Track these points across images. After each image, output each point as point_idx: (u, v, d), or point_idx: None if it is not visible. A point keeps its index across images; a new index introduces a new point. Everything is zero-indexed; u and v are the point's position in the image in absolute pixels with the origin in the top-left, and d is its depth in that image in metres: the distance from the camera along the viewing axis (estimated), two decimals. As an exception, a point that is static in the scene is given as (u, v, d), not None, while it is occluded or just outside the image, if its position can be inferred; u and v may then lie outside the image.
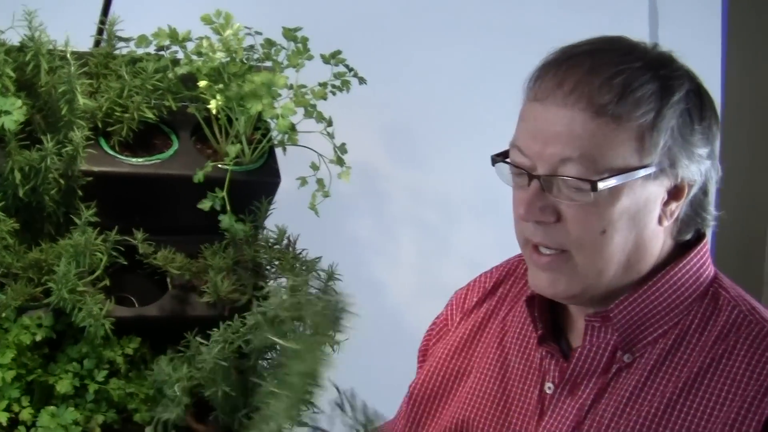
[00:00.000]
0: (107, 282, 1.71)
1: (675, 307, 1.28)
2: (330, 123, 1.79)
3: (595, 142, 1.18)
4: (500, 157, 1.30)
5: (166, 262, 1.71)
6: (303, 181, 1.93)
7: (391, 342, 2.19)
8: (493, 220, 2.09)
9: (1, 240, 1.65)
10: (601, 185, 1.18)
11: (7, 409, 1.64)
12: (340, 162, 1.79)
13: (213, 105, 1.66)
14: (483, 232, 2.77)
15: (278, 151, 1.93)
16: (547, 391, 1.33)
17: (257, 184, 1.86)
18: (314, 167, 1.92)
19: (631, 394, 1.25)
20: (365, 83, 1.89)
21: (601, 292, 1.27)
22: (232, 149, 1.69)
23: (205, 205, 1.69)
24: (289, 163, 1.99)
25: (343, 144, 1.80)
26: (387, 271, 2.80)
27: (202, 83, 1.67)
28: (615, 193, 1.20)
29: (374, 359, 1.89)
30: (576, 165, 1.19)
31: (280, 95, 1.68)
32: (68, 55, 1.66)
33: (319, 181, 1.92)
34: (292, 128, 1.69)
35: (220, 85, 1.66)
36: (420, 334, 1.72)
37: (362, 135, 2.07)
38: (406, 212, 2.83)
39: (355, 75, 1.87)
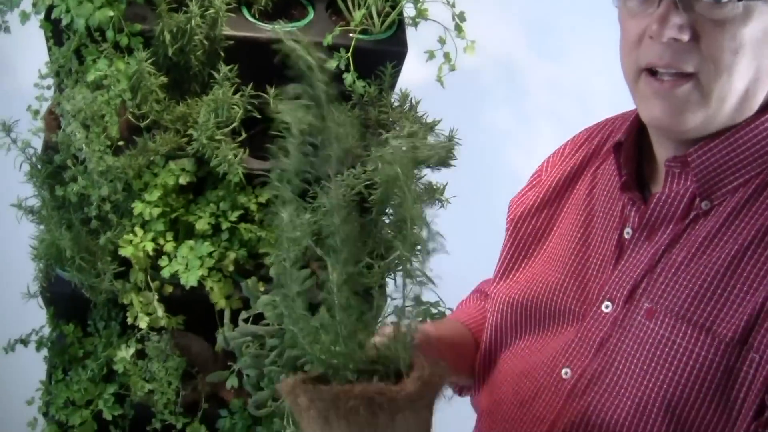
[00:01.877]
0: (243, 134, 1.91)
1: (759, 156, 1.26)
2: (453, -7, 1.90)
3: None
4: None
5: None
6: (431, 54, 2.05)
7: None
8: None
9: (152, 93, 1.86)
10: None
11: (154, 240, 1.88)
12: (458, 29, 1.89)
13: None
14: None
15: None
16: (626, 236, 1.34)
17: (384, 53, 2.00)
18: (441, 41, 2.04)
19: (704, 241, 1.26)
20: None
21: (716, 126, 1.25)
22: (358, 14, 1.83)
23: (330, 63, 1.85)
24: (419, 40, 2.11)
25: (462, 12, 1.91)
26: (524, 161, 2.86)
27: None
28: (749, 12, 1.17)
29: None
30: None
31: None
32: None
33: (446, 55, 2.03)
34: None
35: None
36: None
37: (500, 28, 2.15)
38: (545, 106, 2.89)
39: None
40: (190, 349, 1.99)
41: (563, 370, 1.33)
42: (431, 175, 1.68)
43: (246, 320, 1.39)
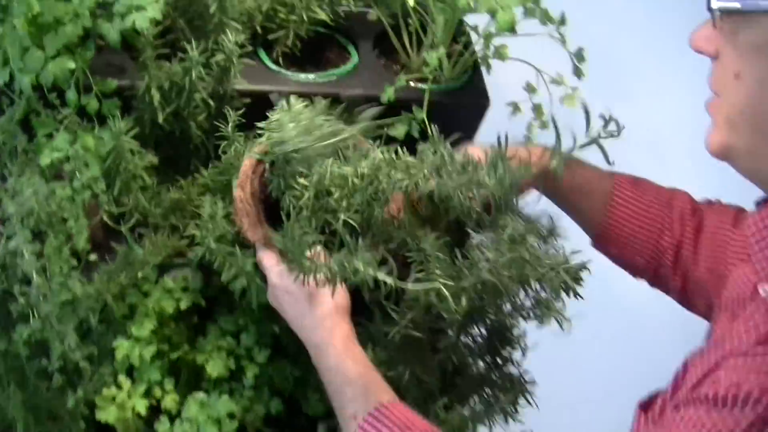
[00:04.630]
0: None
1: None
2: (563, 22, 1.32)
3: None
4: None
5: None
6: (515, 108, 1.49)
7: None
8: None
9: (135, 179, 1.27)
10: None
11: (147, 394, 1.28)
12: (578, 73, 1.33)
13: None
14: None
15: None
16: None
17: (459, 108, 1.43)
18: (531, 89, 1.48)
19: None
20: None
21: None
22: (433, 56, 1.26)
23: (398, 131, 1.27)
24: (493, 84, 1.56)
25: (581, 50, 1.34)
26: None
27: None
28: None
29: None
30: None
31: (497, -21, 1.23)
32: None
33: (537, 108, 1.47)
34: (512, 27, 1.23)
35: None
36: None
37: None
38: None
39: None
40: None
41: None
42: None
43: None
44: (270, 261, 1.16)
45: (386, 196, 1.07)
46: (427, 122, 1.26)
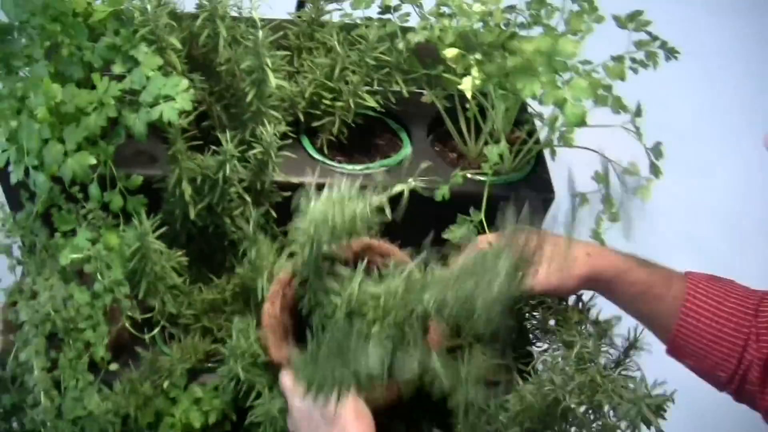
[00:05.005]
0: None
1: None
2: (639, 113, 1.18)
3: None
4: None
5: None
6: (584, 199, 1.35)
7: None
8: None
9: (163, 281, 1.16)
10: None
11: None
12: (655, 171, 1.19)
13: (468, 84, 1.10)
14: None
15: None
16: None
17: (523, 202, 1.29)
18: (600, 179, 1.34)
19: None
20: (676, 57, 1.28)
21: None
22: (493, 152, 1.13)
23: (455, 234, 1.14)
24: (556, 171, 1.43)
25: (659, 144, 1.20)
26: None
27: (450, 53, 1.12)
28: None
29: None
30: None
31: (567, 69, 1.10)
32: (257, 20, 1.14)
33: (607, 200, 1.34)
34: (583, 122, 1.10)
35: (478, 55, 1.10)
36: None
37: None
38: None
39: (664, 46, 1.26)
40: None
41: None
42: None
43: None
44: (290, 383, 1.04)
45: (423, 321, 0.94)
46: (485, 223, 1.13)
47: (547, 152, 1.41)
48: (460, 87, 1.11)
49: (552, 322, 1.17)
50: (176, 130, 1.13)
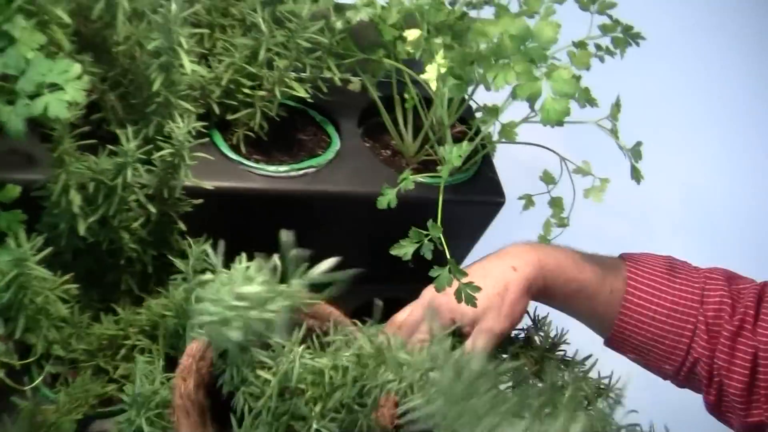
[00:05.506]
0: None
1: None
2: (619, 109, 1.02)
3: None
4: None
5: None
6: (528, 201, 1.20)
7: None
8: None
9: (43, 310, 0.93)
10: None
11: None
12: (636, 175, 1.03)
13: (433, 73, 0.91)
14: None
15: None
16: None
17: (470, 207, 1.12)
18: (547, 178, 1.19)
19: None
20: (638, 44, 1.13)
21: None
22: (454, 152, 0.94)
23: (406, 250, 0.94)
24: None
25: (639, 144, 1.04)
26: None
27: (412, 35, 0.93)
28: None
29: None
30: None
31: (546, 57, 0.92)
32: (164, -10, 0.92)
33: (555, 202, 1.19)
34: (561, 121, 0.93)
35: (446, 39, 0.91)
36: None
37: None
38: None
39: (629, 31, 1.10)
40: None
41: None
42: None
43: None
44: None
45: (374, 399, 0.75)
46: (444, 240, 0.94)
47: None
48: (422, 76, 0.92)
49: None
50: (63, 127, 0.89)
